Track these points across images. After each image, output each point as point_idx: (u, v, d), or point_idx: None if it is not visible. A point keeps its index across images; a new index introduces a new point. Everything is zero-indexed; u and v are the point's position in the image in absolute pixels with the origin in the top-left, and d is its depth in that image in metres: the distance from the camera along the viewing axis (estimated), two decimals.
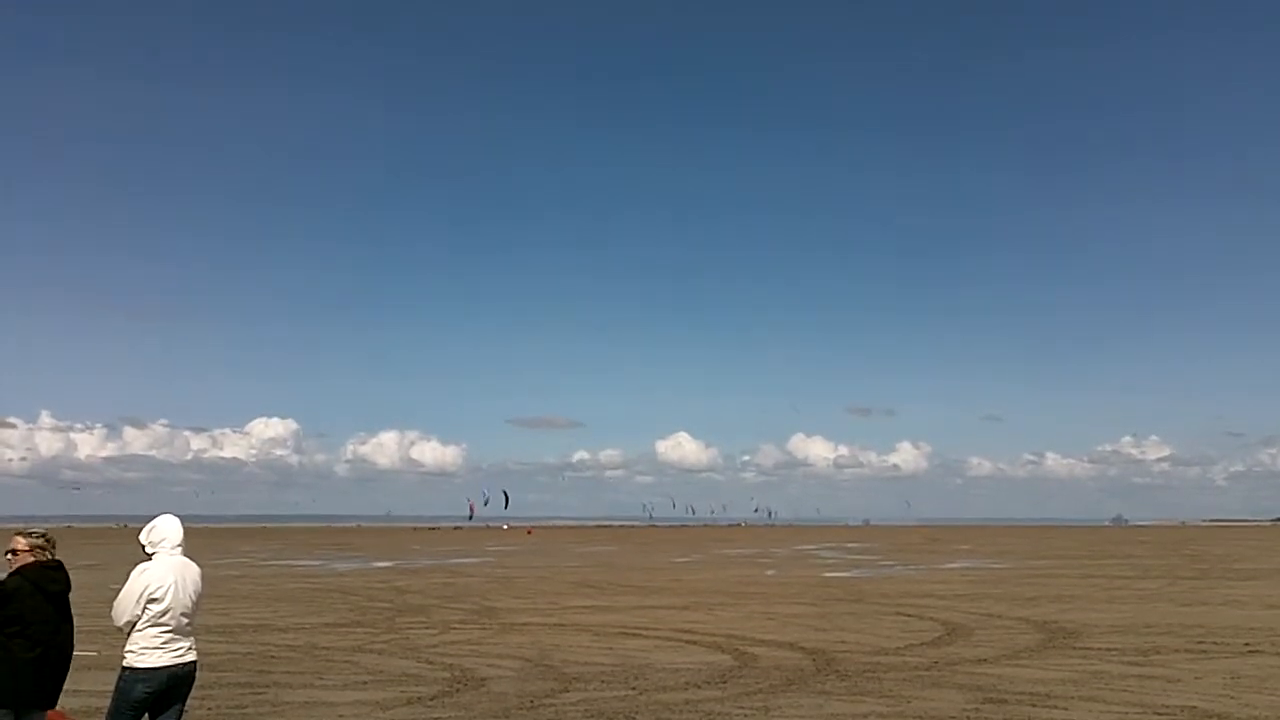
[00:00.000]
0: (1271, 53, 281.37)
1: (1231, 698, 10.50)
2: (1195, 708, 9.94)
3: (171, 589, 5.99)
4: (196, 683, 6.26)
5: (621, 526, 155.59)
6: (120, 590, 5.94)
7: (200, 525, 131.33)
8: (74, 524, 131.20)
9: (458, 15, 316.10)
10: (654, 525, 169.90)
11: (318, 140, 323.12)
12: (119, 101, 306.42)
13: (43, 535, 5.97)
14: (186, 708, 6.12)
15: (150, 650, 5.90)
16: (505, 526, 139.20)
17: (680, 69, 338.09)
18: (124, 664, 5.95)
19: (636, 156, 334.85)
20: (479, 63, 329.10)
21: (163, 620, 5.95)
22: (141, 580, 5.96)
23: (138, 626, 5.94)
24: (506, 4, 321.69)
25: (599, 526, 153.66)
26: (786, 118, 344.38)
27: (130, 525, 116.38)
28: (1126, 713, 9.71)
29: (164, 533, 6.16)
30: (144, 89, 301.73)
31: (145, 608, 5.93)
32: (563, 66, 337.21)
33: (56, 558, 5.93)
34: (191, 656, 6.09)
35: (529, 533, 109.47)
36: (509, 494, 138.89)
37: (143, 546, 6.14)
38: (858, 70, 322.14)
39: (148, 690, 5.89)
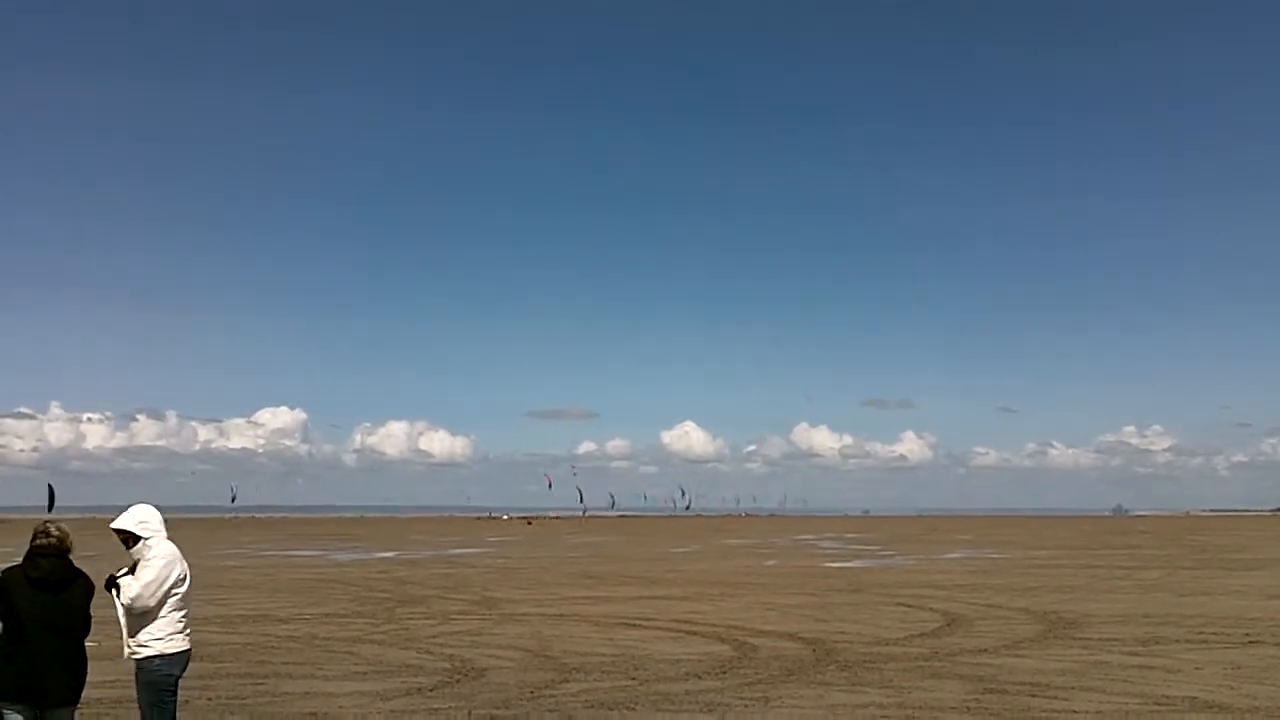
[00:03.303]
0: (1274, 48, 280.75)
1: (1232, 688, 10.48)
2: (1195, 698, 9.93)
3: (188, 573, 6.10)
4: (196, 673, 6.28)
5: (620, 517, 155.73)
6: (144, 574, 5.89)
7: (206, 516, 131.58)
8: (80, 515, 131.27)
9: (464, 13, 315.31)
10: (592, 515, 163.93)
11: (327, 133, 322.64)
12: (124, 97, 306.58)
13: (45, 531, 5.87)
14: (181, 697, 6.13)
15: (175, 635, 5.97)
16: (505, 517, 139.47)
17: (691, 66, 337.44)
18: (147, 654, 5.92)
19: (647, 152, 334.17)
20: (491, 58, 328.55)
21: (182, 605, 6.05)
22: (168, 564, 5.97)
23: (162, 613, 5.94)
24: (514, 2, 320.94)
25: (594, 517, 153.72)
26: (799, 113, 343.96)
27: None
28: (1127, 703, 9.70)
29: (157, 521, 6.17)
30: (152, 86, 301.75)
31: (170, 593, 5.97)
32: (575, 63, 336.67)
33: (53, 543, 5.74)
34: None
35: (529, 523, 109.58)
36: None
37: (132, 535, 6.06)
38: (867, 66, 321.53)
39: (176, 674, 5.99)
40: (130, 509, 6.24)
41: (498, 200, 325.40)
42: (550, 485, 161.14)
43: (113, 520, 6.23)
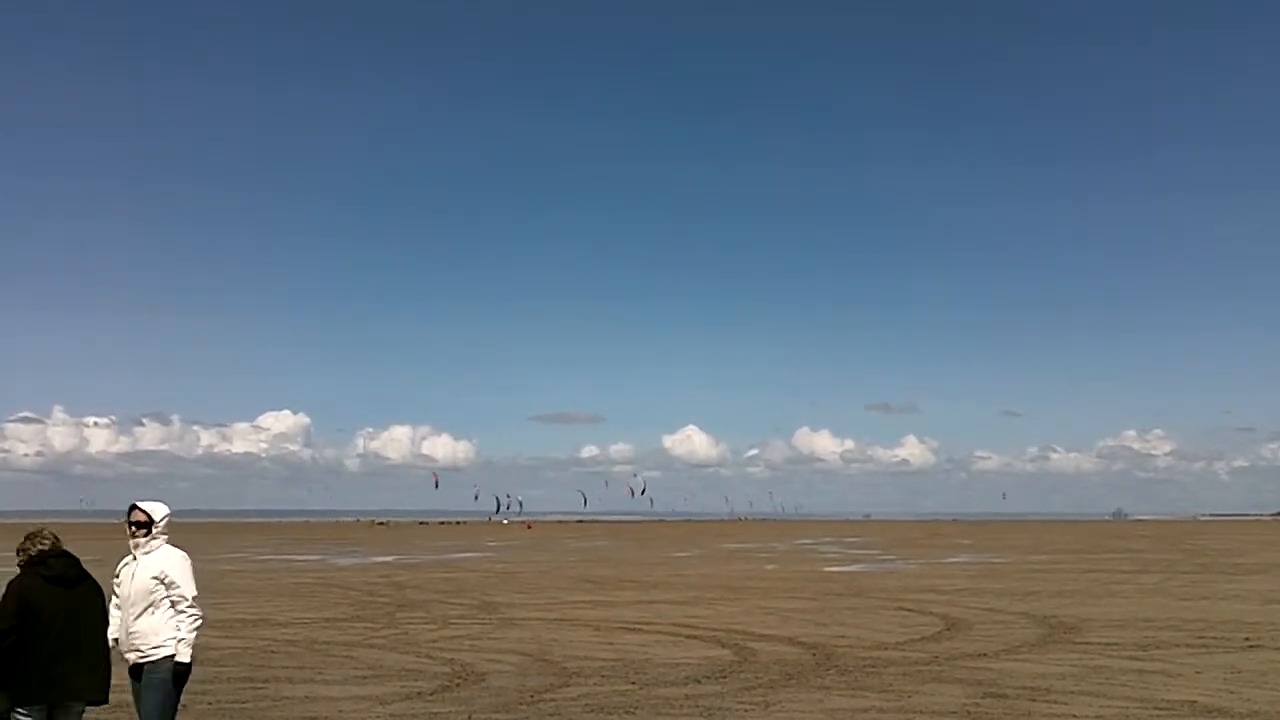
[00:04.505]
0: (1273, 48, 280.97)
1: (1231, 692, 10.48)
2: (1195, 702, 9.93)
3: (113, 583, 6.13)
4: (197, 677, 6.28)
5: (619, 521, 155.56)
6: (184, 569, 6.01)
7: (209, 520, 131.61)
8: (83, 520, 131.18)
9: (464, 13, 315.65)
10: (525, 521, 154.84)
11: (328, 134, 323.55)
12: (126, 98, 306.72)
13: (40, 535, 5.85)
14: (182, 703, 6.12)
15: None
16: (505, 521, 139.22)
17: (693, 66, 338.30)
18: (179, 659, 5.87)
19: (649, 154, 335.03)
20: (493, 58, 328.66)
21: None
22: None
23: (188, 613, 5.94)
24: (514, 2, 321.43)
25: (594, 521, 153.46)
26: (802, 114, 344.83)
27: None
28: (1126, 707, 9.69)
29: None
30: (154, 86, 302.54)
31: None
32: (578, 63, 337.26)
33: (56, 545, 5.73)
34: None
35: (529, 527, 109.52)
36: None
37: (161, 531, 6.11)
38: (869, 67, 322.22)
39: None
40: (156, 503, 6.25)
41: (501, 202, 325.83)
42: (437, 484, 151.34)
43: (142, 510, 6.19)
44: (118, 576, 6.09)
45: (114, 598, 6.05)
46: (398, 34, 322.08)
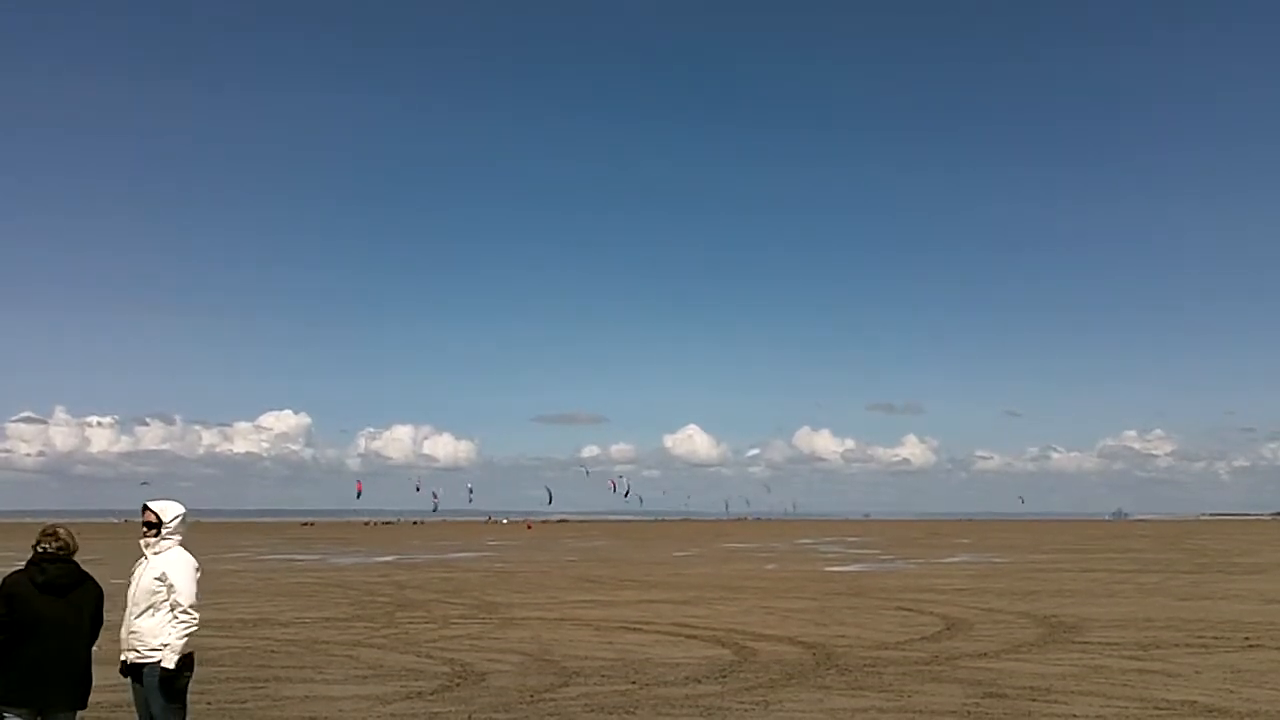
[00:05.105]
0: (1274, 48, 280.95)
1: (1231, 692, 10.48)
2: (1195, 702, 9.93)
3: (133, 580, 6.08)
4: (196, 677, 6.28)
5: (619, 521, 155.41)
6: (185, 573, 5.94)
7: (211, 520, 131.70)
8: (86, 519, 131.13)
9: (465, 13, 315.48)
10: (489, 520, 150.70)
11: (330, 135, 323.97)
12: (126, 98, 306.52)
13: (52, 534, 5.83)
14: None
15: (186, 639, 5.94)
16: (504, 521, 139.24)
17: (695, 67, 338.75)
18: (163, 664, 5.83)
19: (651, 155, 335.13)
20: (494, 58, 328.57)
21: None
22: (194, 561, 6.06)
23: (180, 618, 5.90)
24: (516, 2, 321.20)
25: (589, 521, 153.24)
26: (805, 115, 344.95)
27: (130, 520, 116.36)
28: (1127, 707, 9.70)
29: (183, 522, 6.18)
30: (154, 86, 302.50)
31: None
32: (581, 64, 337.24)
33: (59, 549, 5.68)
34: None
35: (528, 527, 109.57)
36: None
37: (171, 532, 6.08)
38: (872, 67, 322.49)
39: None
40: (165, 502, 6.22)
41: (504, 203, 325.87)
42: (359, 494, 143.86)
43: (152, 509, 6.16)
44: (133, 575, 6.12)
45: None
46: (396, 34, 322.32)
